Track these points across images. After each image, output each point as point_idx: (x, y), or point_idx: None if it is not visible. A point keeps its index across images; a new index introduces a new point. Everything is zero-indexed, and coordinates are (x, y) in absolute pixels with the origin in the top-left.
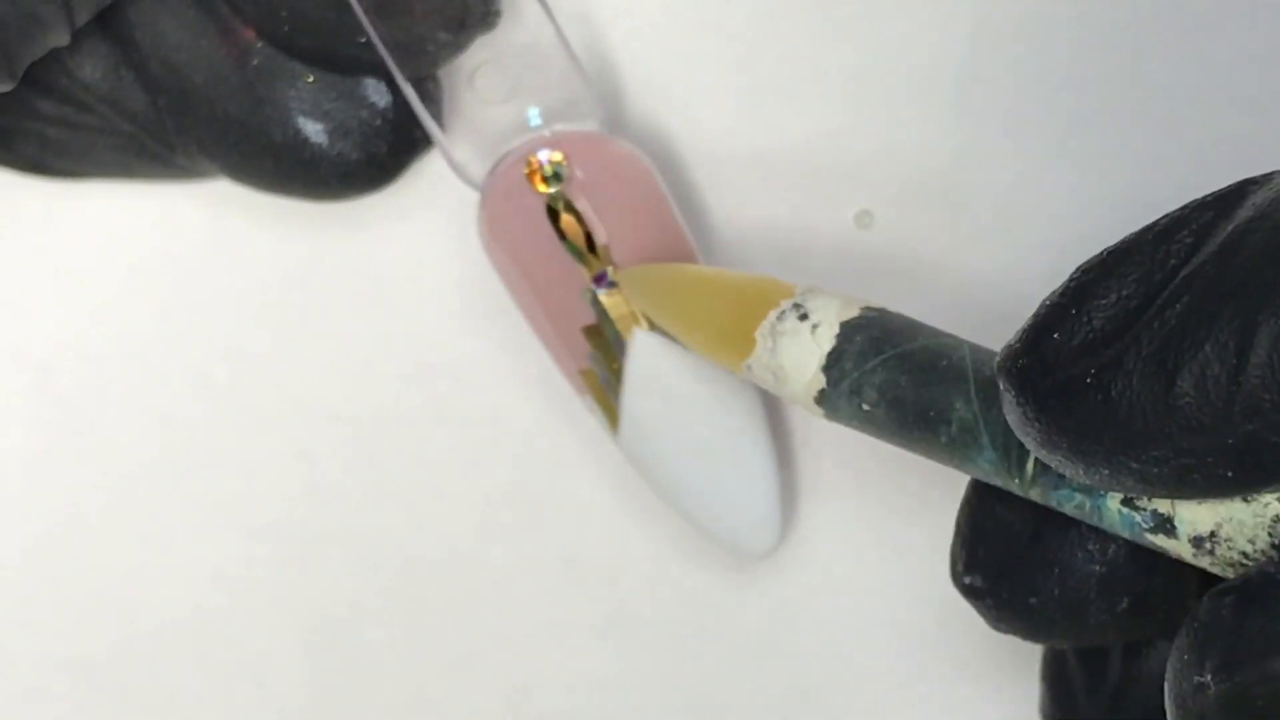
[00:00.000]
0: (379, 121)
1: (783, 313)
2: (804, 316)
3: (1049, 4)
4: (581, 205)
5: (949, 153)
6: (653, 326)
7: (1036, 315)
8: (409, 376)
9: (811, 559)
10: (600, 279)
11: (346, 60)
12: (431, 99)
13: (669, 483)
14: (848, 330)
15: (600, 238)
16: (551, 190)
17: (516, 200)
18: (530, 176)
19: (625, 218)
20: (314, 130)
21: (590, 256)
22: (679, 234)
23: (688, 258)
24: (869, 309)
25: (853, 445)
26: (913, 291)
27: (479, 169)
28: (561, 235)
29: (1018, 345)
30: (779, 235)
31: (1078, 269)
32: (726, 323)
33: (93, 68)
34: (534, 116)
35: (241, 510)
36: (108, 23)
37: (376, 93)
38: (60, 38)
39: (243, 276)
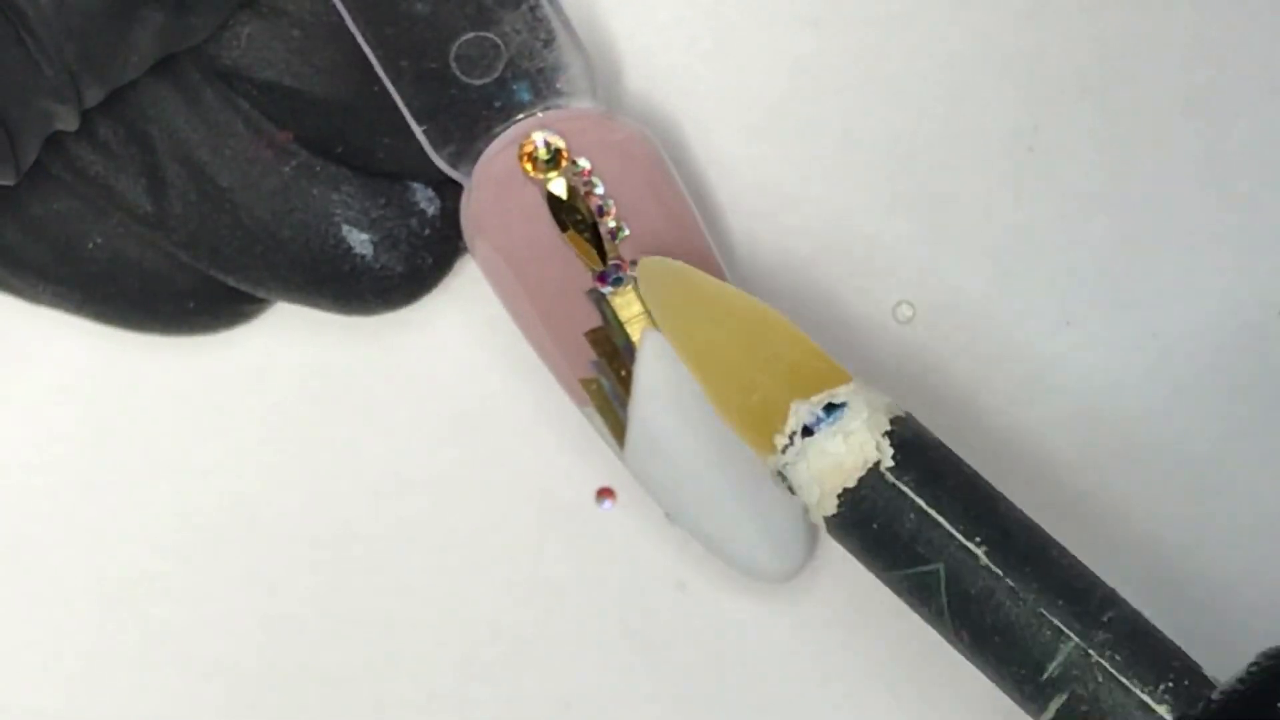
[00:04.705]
0: (428, 231)
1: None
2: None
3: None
4: (585, 194)
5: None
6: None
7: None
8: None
9: (833, 581)
10: (605, 277)
11: (391, 162)
12: (404, 75)
13: (683, 503)
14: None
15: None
16: (549, 176)
17: (509, 189)
18: (524, 162)
19: (634, 208)
20: (359, 240)
21: (594, 252)
22: (693, 226)
23: (701, 252)
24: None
25: None
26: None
27: (463, 155)
28: (563, 227)
29: None
30: (788, 224)
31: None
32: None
33: (92, 153)
34: (523, 91)
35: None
36: (119, 115)
37: (426, 199)
38: (69, 124)
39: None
